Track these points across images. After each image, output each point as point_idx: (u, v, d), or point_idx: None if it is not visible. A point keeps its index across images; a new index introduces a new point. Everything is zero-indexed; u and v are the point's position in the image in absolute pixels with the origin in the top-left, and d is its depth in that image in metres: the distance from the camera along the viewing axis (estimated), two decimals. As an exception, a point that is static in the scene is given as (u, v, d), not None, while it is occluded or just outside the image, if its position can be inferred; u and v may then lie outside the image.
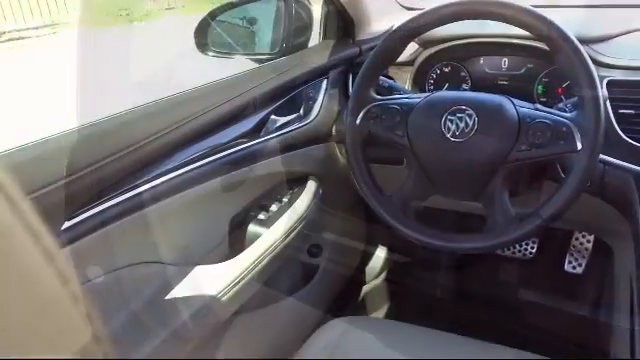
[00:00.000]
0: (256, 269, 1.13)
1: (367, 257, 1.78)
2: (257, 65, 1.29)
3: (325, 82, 1.32)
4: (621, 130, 1.04)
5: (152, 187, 0.95)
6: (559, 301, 1.72)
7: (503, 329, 1.67)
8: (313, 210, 1.31)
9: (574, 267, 1.69)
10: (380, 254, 1.81)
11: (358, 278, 1.73)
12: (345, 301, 1.66)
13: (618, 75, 1.07)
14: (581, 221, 1.38)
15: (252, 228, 1.21)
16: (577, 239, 1.69)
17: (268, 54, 1.38)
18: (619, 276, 1.18)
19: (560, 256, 1.71)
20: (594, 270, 1.67)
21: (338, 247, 1.54)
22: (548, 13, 0.90)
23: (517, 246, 1.74)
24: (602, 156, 1.04)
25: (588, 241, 1.67)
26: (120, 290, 0.92)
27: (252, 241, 1.16)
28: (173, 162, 0.99)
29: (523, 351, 0.99)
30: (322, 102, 1.31)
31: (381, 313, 1.75)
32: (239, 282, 1.09)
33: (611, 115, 1.04)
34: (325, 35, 1.40)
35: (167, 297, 0.99)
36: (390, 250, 1.81)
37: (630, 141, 1.03)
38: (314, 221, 1.34)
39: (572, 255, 1.70)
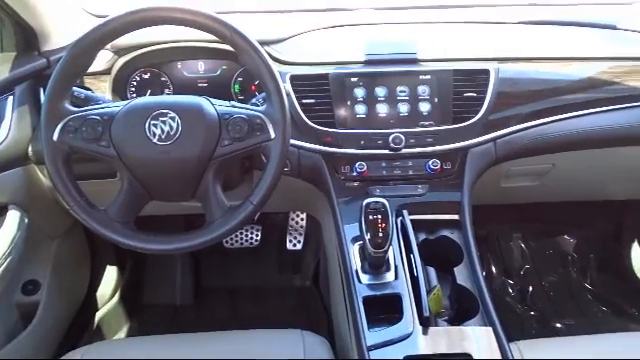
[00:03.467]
0: None
1: (97, 280, 1.66)
2: None
3: (11, 99, 1.18)
4: (307, 117, 1.19)
5: None
6: (287, 277, 1.91)
7: (245, 315, 1.78)
8: (20, 243, 1.17)
9: (294, 245, 1.89)
10: (111, 273, 1.72)
11: (90, 304, 1.61)
12: (79, 332, 1.53)
13: (298, 70, 1.23)
14: (292, 202, 1.54)
15: None
16: (293, 219, 1.89)
17: None
18: (328, 245, 1.36)
19: (281, 237, 1.89)
20: (310, 244, 1.90)
21: (60, 277, 1.41)
22: (231, 18, 0.98)
23: (242, 236, 1.87)
24: (295, 142, 1.19)
25: (302, 219, 1.89)
26: None
27: None
28: None
29: (266, 329, 1.07)
30: (10, 121, 1.17)
31: (122, 334, 1.67)
32: None
33: (297, 105, 1.19)
34: (3, 48, 1.25)
35: None
36: (121, 267, 1.73)
37: (315, 126, 1.20)
38: (23, 255, 1.19)
39: (291, 234, 1.90)
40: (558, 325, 1.75)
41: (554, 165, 1.35)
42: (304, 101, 1.20)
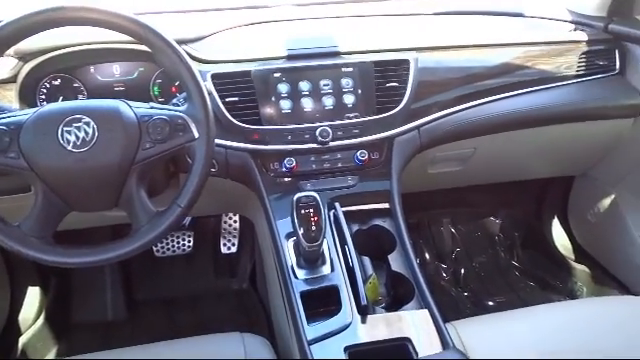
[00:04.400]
0: None
1: (18, 302, 1.56)
2: None
3: None
4: (232, 116, 1.17)
5: None
6: (224, 282, 1.87)
7: (183, 324, 1.73)
8: None
9: (229, 248, 1.86)
10: (34, 294, 1.62)
11: (12, 329, 1.51)
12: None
13: (219, 69, 1.20)
14: (223, 204, 1.51)
15: None
16: (226, 222, 1.86)
17: None
18: (263, 244, 1.34)
19: (215, 241, 1.86)
20: (245, 246, 1.87)
21: None
22: (148, 18, 0.94)
23: (174, 243, 1.82)
24: (222, 141, 1.16)
25: (235, 221, 1.86)
26: None
27: None
28: None
29: (205, 335, 1.04)
30: None
31: (50, 357, 1.58)
32: None
33: (220, 104, 1.16)
34: None
35: None
36: (44, 286, 1.63)
37: (241, 124, 1.17)
38: None
39: (225, 237, 1.87)
40: (490, 303, 1.82)
41: (476, 149, 1.40)
42: (228, 99, 1.17)
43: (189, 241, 1.82)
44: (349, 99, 1.22)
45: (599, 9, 1.50)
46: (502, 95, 1.34)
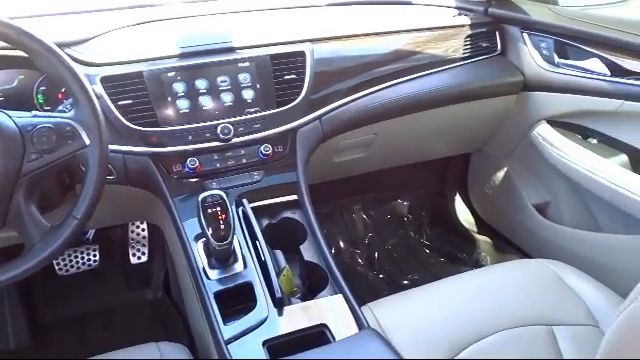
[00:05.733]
0: None
1: None
2: None
3: None
4: (126, 120, 1.12)
5: None
6: (137, 293, 1.80)
7: (97, 342, 1.64)
8: None
9: (139, 257, 1.79)
10: None
11: None
12: None
13: (109, 71, 1.14)
14: (127, 212, 1.45)
15: None
16: (133, 231, 1.78)
17: None
18: (173, 249, 1.30)
19: (123, 252, 1.78)
20: (156, 253, 1.81)
21: None
22: (24, 22, 0.87)
23: (78, 259, 1.71)
24: (118, 146, 1.11)
25: (143, 229, 1.79)
26: None
27: None
28: None
29: (119, 350, 1.01)
30: None
31: None
32: None
33: (113, 108, 1.11)
34: None
35: None
36: None
37: (137, 127, 1.13)
38: None
39: (134, 247, 1.79)
40: (405, 282, 1.89)
41: (376, 134, 1.44)
42: (120, 103, 1.12)
43: (94, 255, 1.72)
44: (248, 94, 1.21)
45: (479, -7, 1.59)
46: (396, 81, 1.39)
